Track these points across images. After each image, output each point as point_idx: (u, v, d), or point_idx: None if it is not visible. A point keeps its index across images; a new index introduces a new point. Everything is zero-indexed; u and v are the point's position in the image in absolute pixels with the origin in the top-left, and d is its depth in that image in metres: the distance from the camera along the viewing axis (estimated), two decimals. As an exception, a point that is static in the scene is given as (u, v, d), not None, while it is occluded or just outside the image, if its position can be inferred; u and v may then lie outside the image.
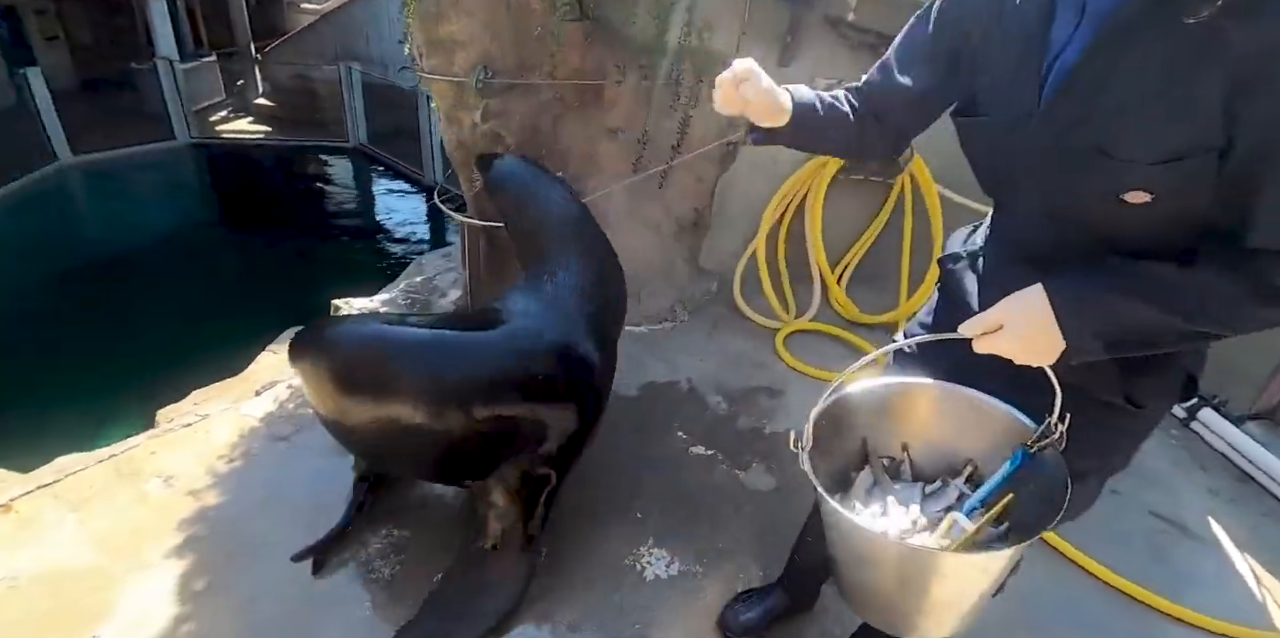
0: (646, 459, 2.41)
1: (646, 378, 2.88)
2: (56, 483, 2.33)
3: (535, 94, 2.81)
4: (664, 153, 2.94)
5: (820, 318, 3.44)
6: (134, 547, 2.11)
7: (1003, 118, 0.95)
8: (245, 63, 11.29)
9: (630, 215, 3.21)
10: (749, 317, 3.41)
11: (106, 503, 2.26)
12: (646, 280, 3.36)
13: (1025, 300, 0.86)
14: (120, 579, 2.02)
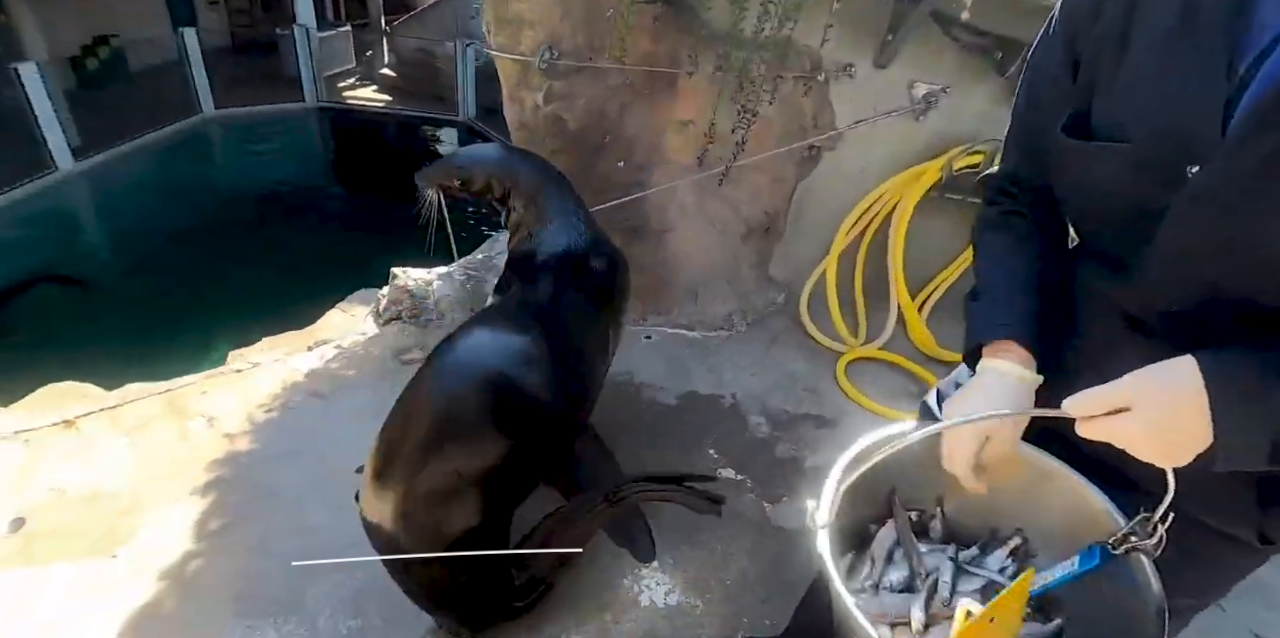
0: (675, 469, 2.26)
1: (689, 387, 2.73)
2: (117, 408, 2.49)
3: (603, 78, 2.69)
4: (730, 149, 2.74)
5: (892, 347, 3.15)
6: (167, 478, 2.21)
7: (1155, 148, 0.67)
8: (375, 35, 11.97)
9: (696, 211, 3.05)
10: (812, 336, 3.17)
11: (153, 434, 2.39)
12: (706, 283, 3.19)
13: (1168, 377, 0.62)
14: (147, 507, 2.12)
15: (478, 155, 2.08)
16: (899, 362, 3.07)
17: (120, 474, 2.22)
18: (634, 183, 2.93)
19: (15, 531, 2.02)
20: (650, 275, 3.13)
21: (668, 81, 2.75)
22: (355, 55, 11.84)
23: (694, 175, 2.91)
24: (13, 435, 2.31)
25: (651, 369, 2.80)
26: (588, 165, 2.89)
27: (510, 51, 2.66)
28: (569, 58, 2.62)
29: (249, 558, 1.94)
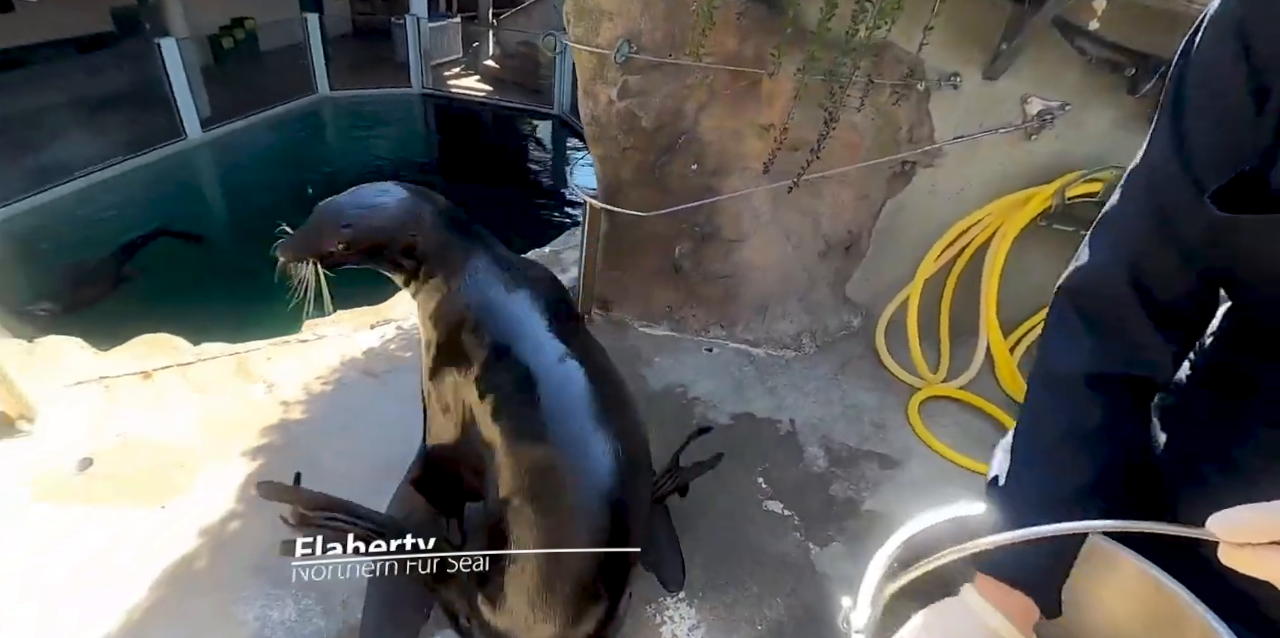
0: (709, 500, 2.13)
1: (744, 408, 2.57)
2: (192, 365, 2.61)
3: (680, 76, 2.56)
4: (805, 157, 2.54)
5: (975, 388, 2.87)
6: (224, 438, 2.29)
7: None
8: (482, 27, 12.38)
9: (771, 222, 2.88)
10: (887, 366, 2.94)
11: (219, 394, 2.48)
12: (776, 298, 3.02)
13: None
14: (201, 464, 2.19)
15: (367, 208, 1.56)
16: (981, 405, 2.79)
17: (184, 429, 2.32)
18: (706, 187, 2.79)
19: (82, 470, 2.13)
20: (717, 285, 3.00)
21: (750, 83, 2.58)
22: (462, 46, 12.30)
23: (771, 184, 2.74)
24: (97, 380, 2.47)
25: (708, 384, 2.66)
26: (659, 166, 2.78)
27: (588, 43, 2.58)
28: (647, 53, 2.51)
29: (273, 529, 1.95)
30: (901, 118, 2.68)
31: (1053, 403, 0.71)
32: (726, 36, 2.46)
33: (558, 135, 10.87)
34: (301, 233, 1.53)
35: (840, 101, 2.36)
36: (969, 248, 2.93)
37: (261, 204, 8.28)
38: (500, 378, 1.47)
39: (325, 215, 1.54)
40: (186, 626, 1.69)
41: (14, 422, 2.20)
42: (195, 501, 2.06)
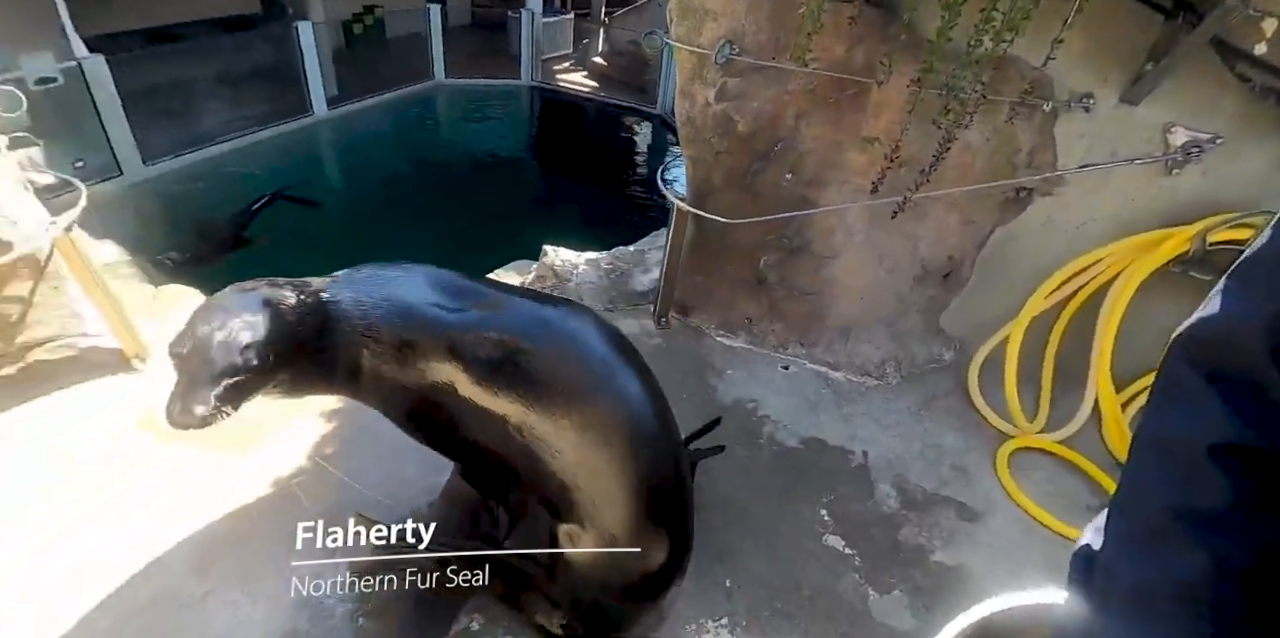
0: (766, 526, 2.03)
1: (815, 433, 2.44)
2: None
3: (782, 81, 2.44)
4: (913, 177, 2.37)
5: (1076, 442, 2.60)
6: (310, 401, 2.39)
7: None
8: (594, 24, 12.60)
9: (866, 242, 2.72)
10: (978, 408, 2.72)
11: (307, 356, 2.61)
12: (862, 321, 2.86)
13: None
14: (280, 420, 2.32)
15: (258, 327, 1.34)
16: (1080, 463, 2.53)
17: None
18: (800, 199, 2.67)
19: None
20: (801, 301, 2.87)
21: (856, 92, 2.43)
22: (573, 42, 12.59)
23: (869, 200, 2.58)
24: (204, 332, 2.66)
25: (780, 403, 2.55)
26: (752, 172, 2.68)
27: (689, 43, 2.51)
28: (749, 55, 2.42)
29: (340, 490, 2.03)
30: (1021, 139, 2.46)
31: (1162, 475, 0.59)
32: (834, 41, 2.33)
33: (658, 135, 10.91)
34: (190, 392, 1.30)
35: (959, 119, 2.19)
36: (1086, 289, 2.66)
37: (375, 180, 8.74)
38: (479, 353, 1.42)
39: (214, 348, 1.31)
40: (241, 569, 1.78)
41: (130, 359, 2.41)
42: (273, 453, 2.18)
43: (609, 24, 12.46)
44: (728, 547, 1.93)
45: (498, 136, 11.15)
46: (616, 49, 12.10)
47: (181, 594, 1.74)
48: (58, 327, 2.30)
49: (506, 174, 9.77)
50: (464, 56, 11.73)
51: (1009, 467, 2.45)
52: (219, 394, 1.29)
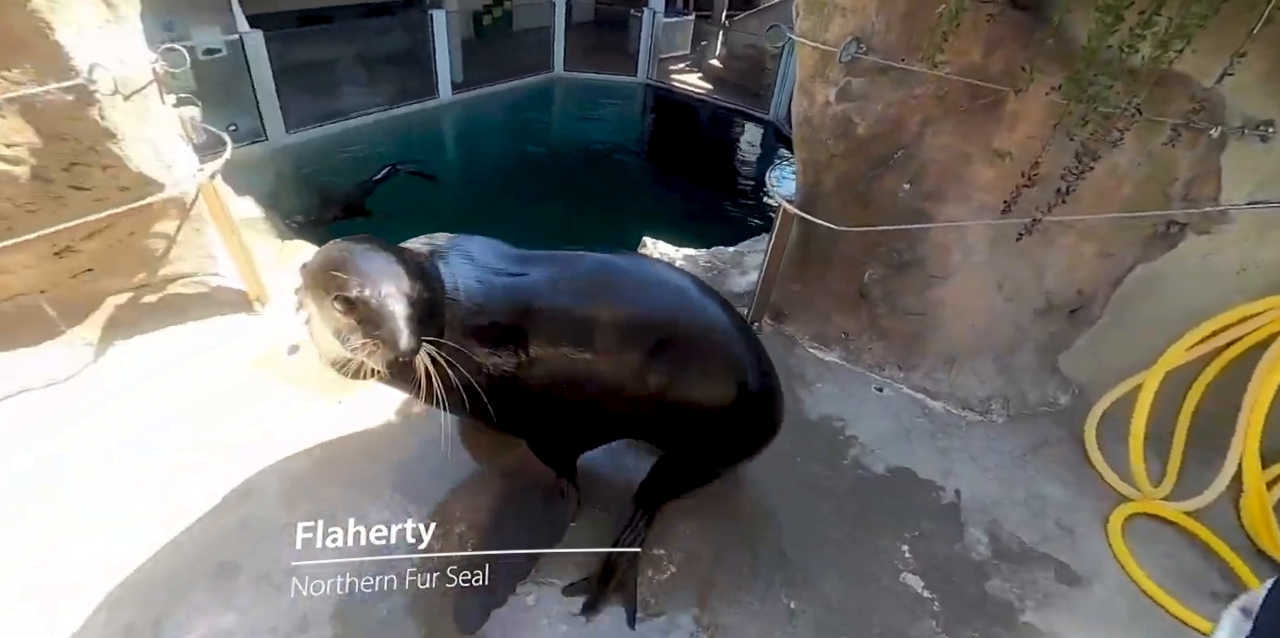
0: (842, 553, 1.90)
1: (904, 462, 2.28)
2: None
3: (910, 84, 2.27)
4: (1046, 197, 2.13)
5: (1206, 516, 2.29)
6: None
7: None
8: (714, 26, 12.56)
9: (985, 265, 2.50)
10: (1093, 463, 2.45)
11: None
12: (970, 351, 2.64)
13: None
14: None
15: (424, 273, 1.44)
16: (1209, 539, 2.22)
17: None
18: (916, 212, 2.49)
19: (291, 354, 2.47)
20: (905, 321, 2.69)
21: (991, 101, 2.22)
22: (691, 43, 12.61)
23: (997, 219, 2.36)
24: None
25: (870, 426, 2.40)
26: (867, 179, 2.53)
27: (813, 38, 2.39)
28: (876, 54, 2.27)
29: (420, 448, 2.08)
30: (1179, 167, 2.17)
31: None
32: (971, 44, 2.14)
33: (768, 141, 10.76)
34: (405, 317, 1.33)
35: (1102, 136, 1.96)
36: (1240, 344, 2.33)
37: (489, 163, 9.16)
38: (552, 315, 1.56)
39: (416, 293, 1.37)
40: (324, 512, 1.85)
41: (252, 302, 2.59)
42: (362, 405, 2.29)
43: (729, 27, 12.40)
44: (799, 568, 1.82)
45: (609, 131, 11.38)
46: (734, 52, 12.02)
47: (269, 521, 1.84)
48: (195, 264, 2.52)
49: (614, 167, 9.95)
50: (583, 51, 12.03)
51: (1124, 534, 2.18)
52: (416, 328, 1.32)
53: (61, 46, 1.84)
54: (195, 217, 2.45)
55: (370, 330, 1.30)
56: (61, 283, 2.26)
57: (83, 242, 2.21)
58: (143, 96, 2.21)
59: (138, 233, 2.33)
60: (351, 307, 1.31)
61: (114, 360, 2.36)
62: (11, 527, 1.82)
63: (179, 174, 2.32)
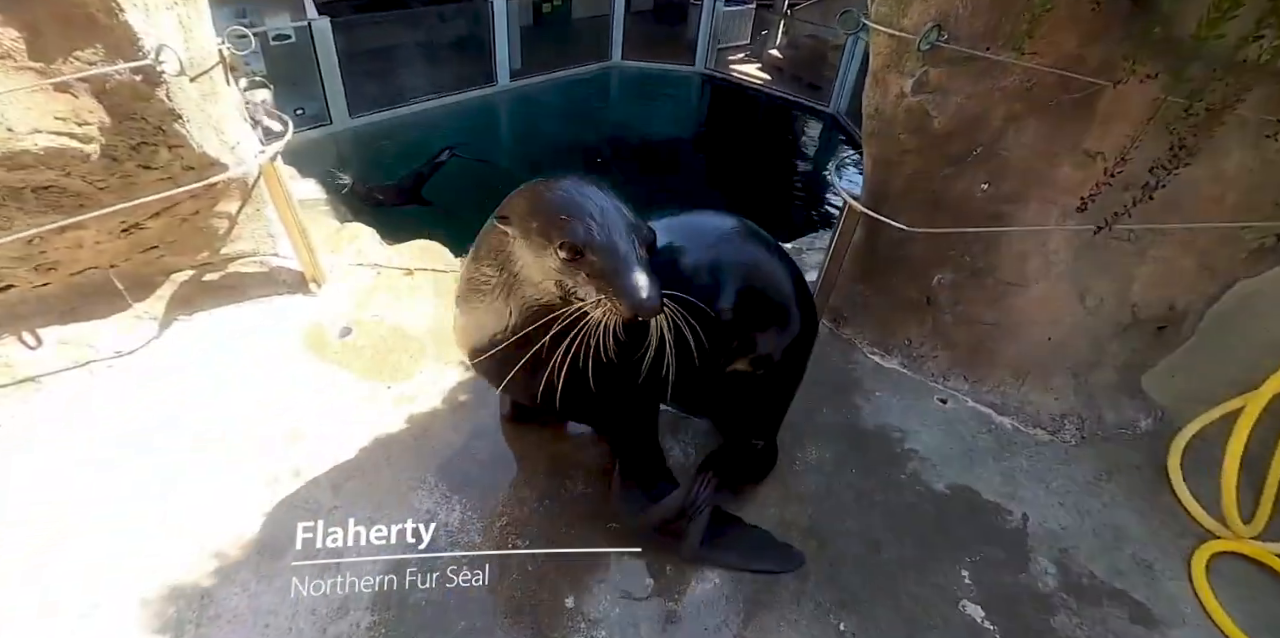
0: (897, 575, 1.78)
1: (966, 481, 2.13)
2: (444, 273, 2.89)
3: (994, 76, 2.07)
4: (1155, 202, 1.92)
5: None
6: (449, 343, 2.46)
7: None
8: (775, 16, 12.20)
9: (1066, 274, 2.30)
10: (1177, 494, 2.25)
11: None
12: (1043, 365, 2.46)
13: None
14: (426, 361, 2.41)
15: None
16: (1313, 586, 2.00)
17: (422, 325, 2.59)
18: (995, 214, 2.30)
19: (343, 336, 2.50)
20: (973, 330, 2.52)
21: (1084, 96, 2.00)
22: (751, 33, 12.30)
23: (1076, 222, 2.16)
24: (372, 266, 2.85)
25: (931, 440, 2.26)
26: (941, 178, 2.35)
27: (889, 24, 2.20)
28: (959, 43, 2.07)
29: (468, 437, 2.07)
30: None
31: None
32: (1065, 33, 1.93)
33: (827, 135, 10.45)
34: (648, 276, 1.13)
35: (1202, 131, 1.75)
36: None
37: (545, 151, 9.21)
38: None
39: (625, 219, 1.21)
40: (369, 497, 1.86)
41: (308, 283, 2.63)
42: (413, 389, 2.29)
43: (791, 16, 12.04)
44: (850, 588, 1.72)
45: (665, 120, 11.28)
46: (795, 43, 11.67)
47: (313, 503, 1.85)
48: (255, 244, 2.56)
49: (669, 157, 9.89)
50: (642, 40, 11.90)
51: (1208, 575, 1.99)
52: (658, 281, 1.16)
53: (130, 27, 1.85)
54: (256, 197, 2.49)
55: (605, 284, 1.11)
56: (130, 258, 2.33)
57: (150, 220, 2.26)
58: (209, 79, 2.24)
59: (202, 212, 2.37)
60: (580, 256, 1.14)
61: (177, 335, 2.43)
62: (101, 480, 1.88)
63: (242, 155, 2.35)
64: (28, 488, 1.86)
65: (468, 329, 1.51)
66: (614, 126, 10.48)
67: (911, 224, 2.37)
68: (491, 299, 1.35)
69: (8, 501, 1.83)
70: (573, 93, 11.16)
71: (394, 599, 1.62)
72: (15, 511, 1.80)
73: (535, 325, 1.25)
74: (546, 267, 1.19)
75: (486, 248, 1.35)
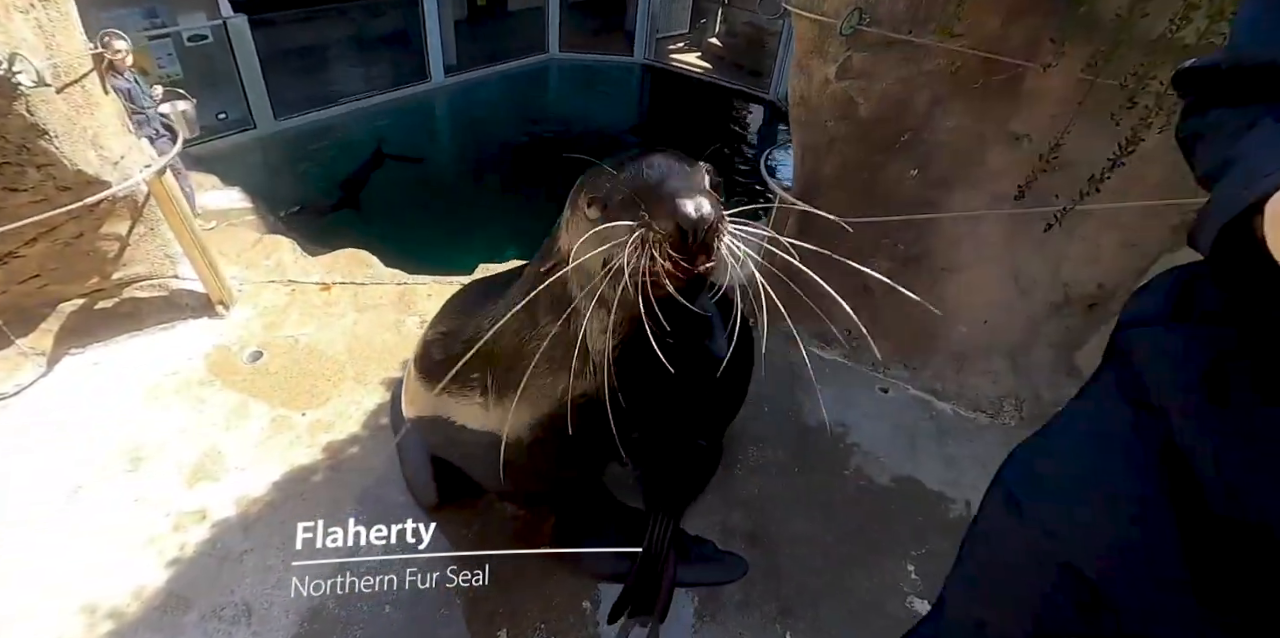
0: (843, 576, 1.75)
1: (909, 471, 2.12)
2: (364, 286, 2.73)
3: (918, 59, 2.05)
4: (1074, 184, 1.93)
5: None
6: (369, 361, 2.36)
7: None
8: (713, 4, 12.16)
9: (999, 257, 2.31)
10: (1112, 466, 2.28)
11: (377, 317, 2.57)
12: (980, 349, 2.47)
13: None
14: (344, 383, 2.26)
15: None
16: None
17: (340, 343, 2.44)
18: (925, 202, 2.29)
19: (254, 361, 2.32)
20: (911, 319, 2.51)
21: (1009, 77, 1.99)
22: (690, 21, 12.22)
23: (1017, 209, 2.17)
24: (287, 283, 2.67)
25: (873, 431, 2.24)
26: (871, 166, 2.33)
27: (810, 9, 2.16)
28: (881, 26, 2.04)
29: (389, 462, 1.95)
30: None
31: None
32: (988, 13, 1.91)
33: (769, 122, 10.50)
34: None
35: (1151, 119, 1.76)
36: None
37: (484, 148, 8.94)
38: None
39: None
40: (283, 533, 1.72)
41: (214, 305, 2.44)
42: (330, 415, 2.14)
43: (728, 4, 12.02)
44: (793, 594, 1.67)
45: (606, 113, 11.14)
46: (733, 31, 11.65)
47: (221, 548, 1.71)
48: (151, 267, 2.37)
49: (612, 149, 9.96)
50: (580, 32, 11.71)
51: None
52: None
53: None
54: (149, 216, 2.29)
55: (639, 213, 0.89)
56: (7, 290, 2.12)
57: (25, 247, 2.06)
58: (81, 88, 2.04)
59: (86, 235, 2.17)
60: (606, 206, 0.98)
61: (68, 370, 2.23)
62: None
63: (127, 171, 2.15)
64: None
65: (539, 429, 1.23)
66: (554, 121, 10.28)
67: (844, 214, 2.32)
68: (561, 366, 1.12)
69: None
70: (511, 87, 10.90)
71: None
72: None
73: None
74: (596, 257, 0.95)
75: (543, 306, 1.15)
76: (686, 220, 0.85)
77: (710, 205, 0.88)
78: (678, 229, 0.86)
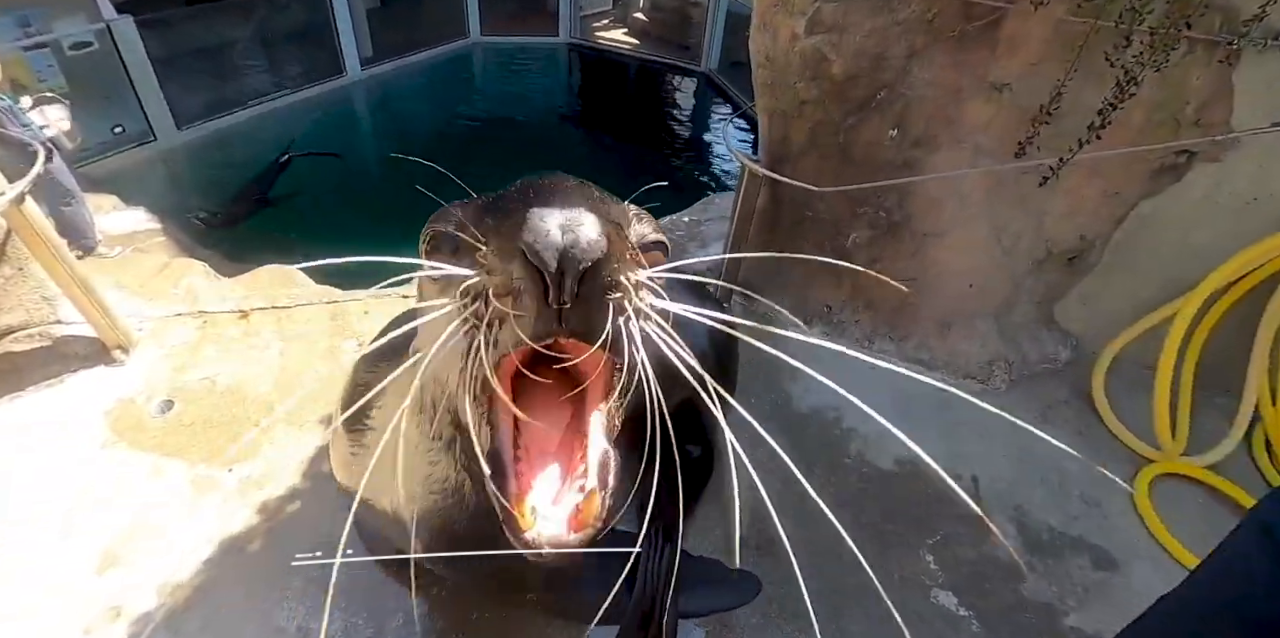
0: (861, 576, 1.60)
1: (912, 452, 1.98)
2: (287, 309, 2.43)
3: (892, 8, 1.91)
4: (1072, 134, 1.82)
5: (1229, 469, 2.10)
6: (305, 399, 2.09)
7: None
8: (636, -23, 11.85)
9: (982, 216, 2.20)
10: (1106, 424, 2.23)
11: (307, 344, 2.28)
12: (965, 313, 2.37)
13: None
14: (276, 426, 2.01)
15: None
16: (1236, 495, 2.03)
17: (266, 379, 2.14)
18: (905, 163, 2.16)
19: (163, 412, 2.01)
20: (894, 289, 2.39)
21: (986, 22, 1.86)
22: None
23: (1003, 165, 2.05)
24: (197, 315, 2.34)
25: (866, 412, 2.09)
26: (845, 128, 2.18)
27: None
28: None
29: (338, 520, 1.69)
30: (1191, 90, 1.88)
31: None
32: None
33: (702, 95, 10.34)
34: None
35: (1151, 59, 1.64)
36: (1244, 283, 2.11)
37: (410, 138, 8.56)
38: None
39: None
40: (220, 628, 1.46)
41: (110, 350, 2.10)
42: (262, 468, 1.86)
43: (654, -22, 11.72)
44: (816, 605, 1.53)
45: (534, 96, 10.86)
46: (658, 4, 11.40)
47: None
48: (26, 314, 2.01)
49: (542, 134, 9.45)
50: (501, 13, 11.28)
51: (1152, 501, 1.97)
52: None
53: None
54: (14, 254, 1.93)
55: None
56: None
57: None
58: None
59: (-62, 280, 1.82)
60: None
61: (-57, 441, 1.88)
62: None
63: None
64: None
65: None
66: (481, 107, 9.95)
67: (818, 182, 2.17)
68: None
69: None
70: (433, 76, 10.45)
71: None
72: None
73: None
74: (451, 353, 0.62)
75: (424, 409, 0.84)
76: (545, 247, 0.51)
77: (596, 233, 0.54)
78: (528, 267, 0.51)
